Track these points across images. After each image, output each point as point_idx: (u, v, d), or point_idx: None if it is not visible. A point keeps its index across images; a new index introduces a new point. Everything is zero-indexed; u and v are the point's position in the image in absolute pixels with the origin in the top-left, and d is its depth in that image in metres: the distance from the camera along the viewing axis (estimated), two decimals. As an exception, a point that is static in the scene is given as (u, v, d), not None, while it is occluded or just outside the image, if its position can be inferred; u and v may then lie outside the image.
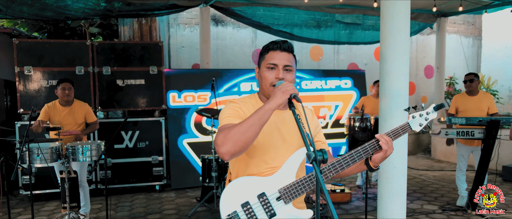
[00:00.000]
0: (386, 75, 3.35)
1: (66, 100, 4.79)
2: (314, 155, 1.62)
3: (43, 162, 4.34)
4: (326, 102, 7.31)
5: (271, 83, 1.95)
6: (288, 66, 1.97)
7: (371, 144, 1.97)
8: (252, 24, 7.39)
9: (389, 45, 3.29)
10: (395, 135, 2.01)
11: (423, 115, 2.06)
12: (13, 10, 6.18)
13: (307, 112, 2.16)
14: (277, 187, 1.93)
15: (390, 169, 3.31)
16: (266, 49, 2.02)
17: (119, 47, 6.29)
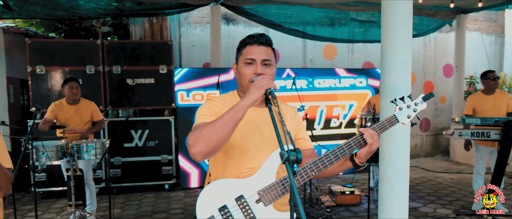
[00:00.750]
0: (387, 72, 3.22)
1: (73, 99, 4.82)
2: (287, 155, 1.53)
3: (48, 160, 4.37)
4: (339, 101, 7.16)
5: (250, 79, 1.86)
6: (266, 60, 1.88)
7: (355, 139, 1.86)
8: (263, 22, 7.30)
9: (390, 40, 3.15)
10: (381, 128, 1.89)
11: (411, 106, 1.93)
12: (26, 10, 6.27)
13: (287, 109, 2.07)
14: (256, 189, 1.83)
15: (391, 171, 3.18)
16: (243, 43, 1.93)
17: (129, 46, 6.31)
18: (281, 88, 6.71)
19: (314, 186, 6.10)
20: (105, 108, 6.16)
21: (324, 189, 6.10)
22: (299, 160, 1.53)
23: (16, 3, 6.05)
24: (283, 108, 2.05)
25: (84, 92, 6.03)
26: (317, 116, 7.02)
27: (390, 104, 3.20)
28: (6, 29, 6.55)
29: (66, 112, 4.82)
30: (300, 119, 2.10)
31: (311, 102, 6.93)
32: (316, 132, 6.97)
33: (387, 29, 3.18)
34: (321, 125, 7.04)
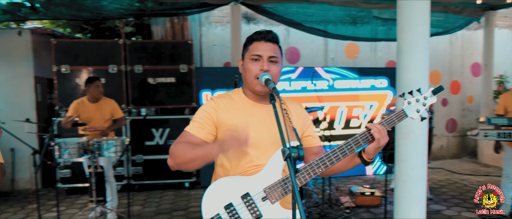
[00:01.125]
0: (403, 70, 3.14)
1: (98, 97, 4.92)
2: (289, 152, 1.52)
3: (70, 157, 4.48)
4: (360, 102, 7.05)
5: (255, 75, 1.85)
6: (273, 57, 1.87)
7: (363, 134, 1.84)
8: (283, 21, 7.26)
9: (406, 37, 3.07)
10: (389, 123, 1.86)
11: (420, 100, 1.89)
12: (52, 11, 6.44)
13: (293, 107, 2.05)
14: (262, 186, 1.82)
15: (408, 171, 3.09)
16: (250, 40, 1.93)
17: (150, 46, 6.40)
18: (303, 89, 6.68)
19: (334, 186, 6.03)
20: (127, 107, 6.26)
21: (344, 190, 6.02)
22: (301, 157, 1.52)
23: (42, 5, 6.22)
24: (289, 106, 2.04)
25: (106, 91, 6.16)
26: (337, 116, 6.94)
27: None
28: (33, 30, 6.75)
29: (87, 110, 4.93)
30: (307, 117, 2.07)
31: (332, 103, 6.85)
32: (336, 132, 6.89)
33: (403, 26, 3.11)
34: (342, 125, 6.96)
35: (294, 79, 6.73)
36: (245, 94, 1.97)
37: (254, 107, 1.93)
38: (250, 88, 1.91)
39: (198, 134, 1.86)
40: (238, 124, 1.86)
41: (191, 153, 1.72)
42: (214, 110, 1.89)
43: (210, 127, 1.88)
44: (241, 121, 1.88)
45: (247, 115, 1.90)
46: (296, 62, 7.95)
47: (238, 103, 1.93)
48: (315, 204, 5.20)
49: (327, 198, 5.25)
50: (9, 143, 6.26)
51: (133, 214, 5.12)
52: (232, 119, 1.88)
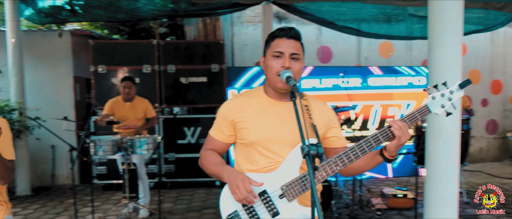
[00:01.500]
0: (435, 68, 3.04)
1: (126, 97, 5.06)
2: (307, 149, 1.50)
3: (105, 154, 4.63)
4: (395, 101, 6.89)
5: (277, 72, 1.84)
6: (295, 54, 1.85)
7: (383, 131, 1.78)
8: (315, 20, 7.19)
9: (437, 34, 2.97)
10: (411, 119, 1.79)
11: (446, 94, 1.79)
12: (90, 13, 6.68)
13: (317, 105, 2.01)
14: (279, 183, 1.82)
15: (439, 172, 2.99)
16: (272, 36, 1.91)
17: (182, 46, 6.52)
18: (335, 87, 6.60)
19: (365, 187, 5.92)
20: (160, 106, 6.41)
21: (376, 191, 5.90)
22: (319, 154, 1.50)
23: (81, 7, 6.47)
24: (312, 103, 2.01)
25: (141, 90, 6.33)
26: (371, 116, 6.81)
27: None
28: (73, 32, 7.02)
29: (121, 109, 5.08)
30: (334, 117, 2.03)
31: (365, 101, 6.73)
32: (370, 132, 6.75)
33: (434, 23, 3.02)
34: (376, 125, 6.82)
35: (325, 77, 6.66)
36: (266, 92, 1.97)
37: (274, 105, 1.92)
38: (272, 85, 1.90)
39: (218, 137, 1.97)
40: (253, 122, 1.88)
41: (210, 169, 1.92)
42: (230, 110, 1.93)
43: (227, 129, 1.94)
44: (257, 119, 1.89)
45: (266, 113, 1.90)
46: (328, 61, 7.87)
47: (257, 101, 1.94)
48: (345, 205, 5.13)
49: (357, 199, 5.16)
50: (50, 140, 6.56)
51: (164, 211, 5.23)
52: (247, 117, 1.90)
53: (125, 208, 4.93)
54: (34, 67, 6.72)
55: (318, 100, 2.05)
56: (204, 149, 2.01)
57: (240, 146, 1.95)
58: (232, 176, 1.77)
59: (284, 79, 1.78)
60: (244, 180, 1.72)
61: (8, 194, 2.24)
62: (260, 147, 1.86)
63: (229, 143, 1.98)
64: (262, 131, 1.86)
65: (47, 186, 6.69)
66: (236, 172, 1.80)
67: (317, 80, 6.67)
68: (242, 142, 1.92)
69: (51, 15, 6.57)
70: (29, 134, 6.21)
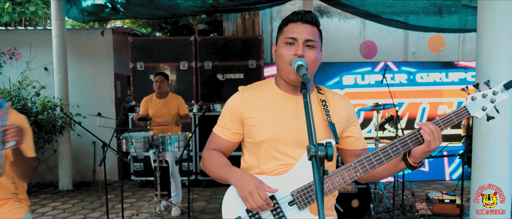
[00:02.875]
0: (483, 57, 2.67)
1: (158, 92, 5.02)
2: (315, 149, 1.26)
3: (137, 150, 4.61)
4: (445, 98, 6.39)
5: (289, 61, 1.61)
6: (310, 41, 1.62)
7: (412, 135, 1.56)
8: (359, 13, 6.82)
9: (488, 19, 2.61)
10: (446, 123, 1.55)
11: (488, 95, 1.54)
12: (131, 11, 6.75)
13: (336, 99, 1.76)
14: (289, 189, 1.60)
15: (487, 178, 2.63)
16: (286, 21, 1.68)
17: (219, 42, 6.41)
18: (377, 83, 6.23)
19: (409, 191, 5.52)
20: (196, 103, 6.34)
21: (421, 196, 5.48)
22: (329, 156, 1.25)
23: (122, 5, 6.55)
24: (330, 97, 1.77)
25: (178, 87, 6.31)
26: (418, 114, 6.36)
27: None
28: (114, 30, 7.13)
29: (154, 105, 5.05)
30: (353, 112, 1.79)
31: (412, 99, 6.30)
32: (416, 132, 6.31)
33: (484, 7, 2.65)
34: (423, 124, 6.36)
35: (369, 73, 6.30)
36: (278, 84, 1.74)
37: (286, 99, 1.70)
38: (283, 76, 1.67)
39: (224, 135, 1.77)
40: (263, 119, 1.67)
41: (214, 172, 1.72)
42: (238, 105, 1.72)
43: (234, 126, 1.74)
44: (267, 115, 1.67)
45: (277, 109, 1.68)
46: (372, 56, 7.48)
47: (267, 94, 1.72)
48: (386, 210, 4.79)
49: (400, 204, 4.80)
50: (92, 136, 6.67)
51: (197, 209, 5.14)
52: (257, 113, 1.69)
53: (157, 206, 4.89)
54: (77, 65, 6.88)
55: (337, 94, 1.81)
56: (207, 149, 1.82)
57: (248, 145, 1.75)
58: (242, 180, 1.57)
59: (295, 69, 1.55)
60: (258, 186, 1.53)
61: (51, 188, 2.26)
62: (270, 147, 1.66)
63: (236, 142, 1.77)
64: (273, 129, 1.65)
65: (88, 181, 6.84)
66: (246, 175, 1.60)
67: (359, 76, 6.32)
68: (250, 141, 1.72)
69: (93, 13, 6.70)
70: (71, 130, 6.36)
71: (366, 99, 6.15)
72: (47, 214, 5.15)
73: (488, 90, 1.55)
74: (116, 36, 7.13)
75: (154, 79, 5.03)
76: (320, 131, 1.64)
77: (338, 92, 1.81)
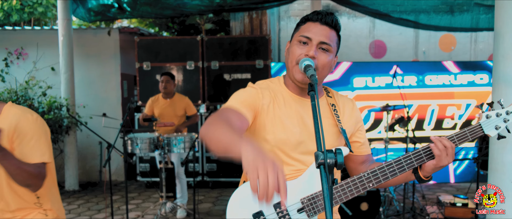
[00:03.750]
0: (502, 57, 2.56)
1: (164, 92, 4.96)
2: (323, 157, 1.16)
3: (142, 151, 4.55)
4: (455, 100, 6.25)
5: (297, 60, 1.52)
6: (325, 44, 1.52)
7: (427, 149, 1.52)
8: (368, 12, 6.71)
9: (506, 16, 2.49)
10: (461, 139, 1.52)
11: (502, 115, 1.56)
12: (138, 10, 6.71)
13: (344, 102, 1.69)
14: (299, 195, 1.52)
15: (505, 183, 2.51)
16: (305, 19, 1.59)
17: (226, 41, 6.34)
18: (387, 85, 6.12)
19: (420, 194, 5.39)
20: (203, 103, 6.28)
21: (432, 199, 5.35)
22: (339, 164, 1.16)
23: (129, 5, 6.50)
24: (339, 101, 1.69)
25: (184, 87, 6.25)
26: (427, 115, 6.23)
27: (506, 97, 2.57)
28: (121, 29, 7.09)
29: (160, 106, 4.99)
30: (359, 116, 1.73)
31: (421, 100, 6.18)
32: (425, 133, 6.19)
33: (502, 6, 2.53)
34: (432, 125, 6.23)
35: (377, 75, 6.17)
36: (286, 84, 1.64)
37: (296, 101, 1.61)
38: (291, 76, 1.58)
39: (241, 109, 1.49)
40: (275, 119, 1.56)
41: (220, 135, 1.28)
42: (260, 95, 1.56)
43: (252, 109, 1.54)
44: (278, 116, 1.57)
45: (288, 111, 1.59)
46: (382, 56, 7.35)
47: (278, 93, 1.62)
48: (396, 213, 4.68)
49: (410, 207, 4.69)
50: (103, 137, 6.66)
51: (203, 211, 5.07)
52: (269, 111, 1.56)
53: (163, 207, 4.83)
54: (84, 65, 6.86)
55: (345, 97, 1.74)
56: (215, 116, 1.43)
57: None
58: (263, 149, 1.16)
59: (303, 69, 1.45)
60: (281, 168, 1.10)
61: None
62: (279, 151, 1.57)
63: (247, 121, 1.49)
64: (283, 131, 1.56)
65: (94, 181, 6.81)
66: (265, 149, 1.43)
67: (369, 78, 6.20)
68: (258, 138, 1.60)
69: (100, 13, 6.67)
70: (78, 130, 6.34)
71: (377, 101, 6.04)
72: (53, 215, 5.11)
73: (502, 110, 1.57)
74: (123, 35, 7.09)
75: (160, 79, 4.97)
76: (332, 138, 1.59)
77: (347, 94, 1.73)
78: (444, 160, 1.46)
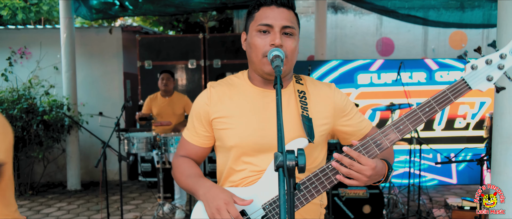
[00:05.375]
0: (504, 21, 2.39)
1: (164, 90, 4.88)
2: (283, 158, 1.03)
3: (139, 151, 4.47)
4: (467, 98, 6.02)
5: (264, 52, 1.38)
6: (288, 27, 1.39)
7: (328, 166, 1.37)
8: (375, 9, 6.52)
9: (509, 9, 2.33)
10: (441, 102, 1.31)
11: (493, 61, 1.25)
12: (140, 8, 6.65)
13: (319, 89, 1.51)
14: (260, 201, 1.38)
15: (508, 186, 2.34)
16: (257, 5, 1.45)
17: (229, 39, 6.23)
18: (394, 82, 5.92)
19: (427, 196, 5.20)
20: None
21: (439, 201, 5.15)
22: (300, 167, 1.03)
23: (131, 3, 6.43)
24: (312, 87, 1.51)
25: (186, 86, 6.15)
26: (438, 115, 6.01)
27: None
28: (124, 28, 7.03)
29: (159, 104, 4.90)
30: (342, 101, 1.51)
31: (430, 98, 5.97)
32: (435, 134, 5.97)
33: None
34: (442, 125, 6.01)
35: (383, 71, 5.98)
36: (251, 78, 1.52)
37: (260, 96, 1.47)
38: (257, 70, 1.44)
39: (192, 140, 1.56)
40: (234, 119, 1.45)
41: (183, 182, 1.52)
42: (205, 104, 1.50)
43: (203, 128, 1.52)
44: (238, 115, 1.45)
45: (250, 107, 1.45)
46: (389, 54, 7.16)
47: (239, 91, 1.50)
48: (401, 216, 4.50)
49: (415, 210, 4.50)
50: (101, 136, 6.59)
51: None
52: (226, 113, 1.46)
53: (161, 208, 4.73)
54: (86, 63, 6.81)
55: (321, 83, 1.56)
56: (177, 156, 1.61)
57: (220, 150, 1.54)
58: (209, 194, 1.36)
59: (271, 59, 1.32)
60: (227, 202, 1.31)
61: (60, 188, 1.91)
62: (242, 152, 1.44)
63: (207, 147, 1.57)
64: (244, 131, 1.43)
65: (97, 181, 6.76)
66: (215, 188, 1.38)
67: (375, 74, 6.01)
68: (221, 145, 1.50)
69: (101, 11, 6.62)
70: (79, 130, 6.28)
71: (382, 99, 5.86)
72: (51, 215, 5.06)
73: (493, 55, 1.25)
74: (125, 34, 7.03)
75: (160, 77, 4.88)
76: (292, 128, 1.41)
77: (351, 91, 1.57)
78: (353, 182, 1.29)
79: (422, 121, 1.31)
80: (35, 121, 5.67)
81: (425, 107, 1.31)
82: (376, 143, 1.32)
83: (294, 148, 1.05)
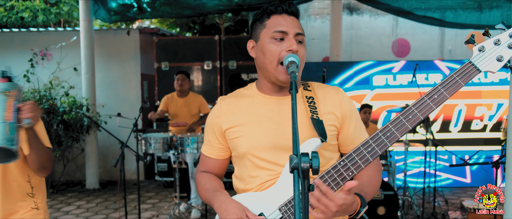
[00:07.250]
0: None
1: (179, 90, 4.96)
2: (298, 160, 1.07)
3: (156, 151, 4.55)
4: (484, 100, 5.96)
5: (280, 58, 1.42)
6: (300, 35, 1.44)
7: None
8: (391, 10, 6.50)
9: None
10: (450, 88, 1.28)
11: (502, 40, 1.21)
12: (157, 10, 6.75)
13: (326, 92, 1.53)
14: (276, 203, 1.42)
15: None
16: (267, 13, 1.48)
17: (244, 41, 6.29)
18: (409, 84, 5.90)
19: (442, 198, 5.17)
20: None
21: (455, 203, 5.11)
22: (314, 169, 1.07)
23: (148, 5, 6.55)
24: (319, 92, 1.54)
25: (202, 87, 6.23)
26: (454, 116, 5.96)
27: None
28: (141, 30, 7.15)
29: (175, 105, 4.99)
30: (348, 106, 1.53)
31: (447, 100, 5.91)
32: (452, 136, 5.93)
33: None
34: (458, 127, 5.96)
35: (398, 72, 5.96)
36: (260, 87, 1.56)
37: (270, 102, 1.51)
38: (271, 77, 1.47)
39: (211, 155, 1.64)
40: (245, 127, 1.49)
41: (203, 196, 1.60)
42: (217, 117, 1.57)
43: (217, 141, 1.59)
44: (248, 123, 1.50)
45: (259, 114, 1.50)
46: (405, 55, 7.12)
47: (248, 101, 1.55)
48: (416, 218, 4.49)
49: (431, 212, 4.48)
50: (119, 135, 6.71)
51: (214, 212, 5.02)
52: (237, 122, 1.52)
53: (177, 207, 4.81)
54: (105, 65, 6.95)
55: (329, 87, 1.58)
56: (198, 171, 1.69)
57: (236, 161, 1.60)
58: (222, 207, 1.43)
59: (286, 66, 1.36)
60: (239, 214, 1.37)
61: (79, 187, 2.19)
62: (254, 157, 1.48)
63: (224, 159, 1.63)
64: (256, 136, 1.47)
65: (115, 180, 6.89)
66: (228, 201, 1.44)
67: (390, 76, 6.00)
68: (235, 154, 1.56)
69: (119, 13, 6.74)
70: (98, 130, 6.42)
71: (397, 100, 5.84)
72: (71, 213, 5.19)
73: (502, 34, 1.21)
74: (143, 36, 7.15)
75: (176, 77, 4.98)
76: (302, 130, 1.43)
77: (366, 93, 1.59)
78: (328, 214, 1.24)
79: (431, 108, 1.27)
80: (55, 121, 5.82)
81: (434, 94, 1.28)
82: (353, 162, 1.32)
83: (307, 150, 1.09)
